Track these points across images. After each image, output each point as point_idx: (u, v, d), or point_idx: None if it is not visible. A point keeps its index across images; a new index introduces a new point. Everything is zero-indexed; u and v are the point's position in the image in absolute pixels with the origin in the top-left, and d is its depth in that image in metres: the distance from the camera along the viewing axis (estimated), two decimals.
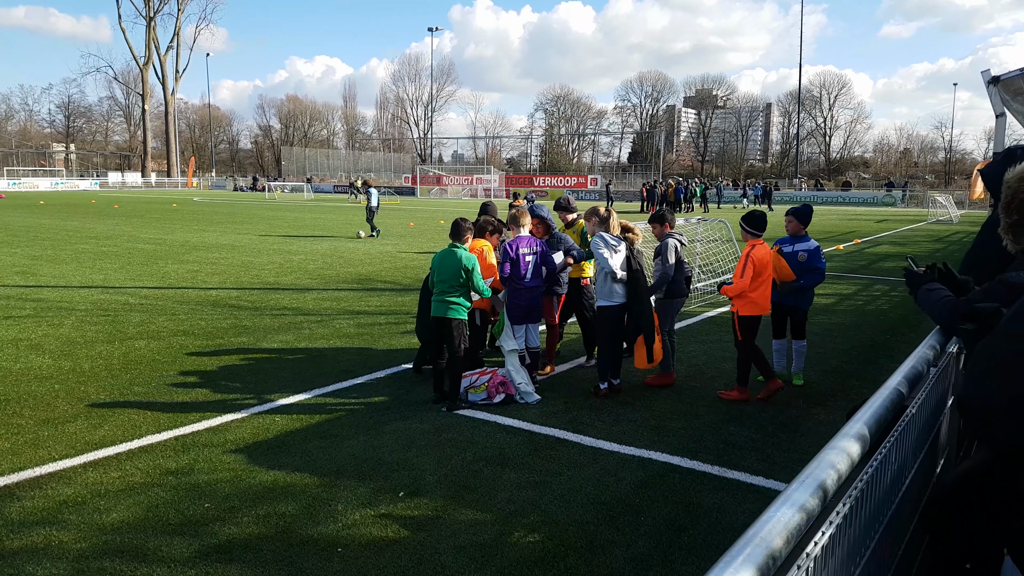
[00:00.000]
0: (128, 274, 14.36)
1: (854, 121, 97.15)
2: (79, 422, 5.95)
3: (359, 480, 4.91)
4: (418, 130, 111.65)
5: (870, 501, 2.21)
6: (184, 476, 4.95)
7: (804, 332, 7.40)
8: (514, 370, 6.66)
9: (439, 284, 6.51)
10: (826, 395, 7.04)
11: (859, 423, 2.06)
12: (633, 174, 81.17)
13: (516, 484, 4.89)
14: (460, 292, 6.47)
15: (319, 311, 10.88)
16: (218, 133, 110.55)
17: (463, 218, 6.84)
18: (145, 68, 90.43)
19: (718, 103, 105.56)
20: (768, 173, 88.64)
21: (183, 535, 4.14)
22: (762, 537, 1.35)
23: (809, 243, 7.23)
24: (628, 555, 4.02)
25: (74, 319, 10.01)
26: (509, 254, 6.89)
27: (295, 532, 4.20)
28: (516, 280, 6.88)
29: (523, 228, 7.06)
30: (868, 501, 2.18)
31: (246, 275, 14.49)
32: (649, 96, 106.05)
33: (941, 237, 27.70)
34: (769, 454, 5.51)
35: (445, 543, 4.10)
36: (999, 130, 8.89)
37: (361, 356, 8.22)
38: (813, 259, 7.12)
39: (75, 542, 4.05)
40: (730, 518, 4.46)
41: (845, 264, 18.16)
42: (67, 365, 7.67)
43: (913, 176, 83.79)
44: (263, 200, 53.25)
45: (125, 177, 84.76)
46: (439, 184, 73.55)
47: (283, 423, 6.01)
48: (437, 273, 6.55)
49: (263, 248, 19.68)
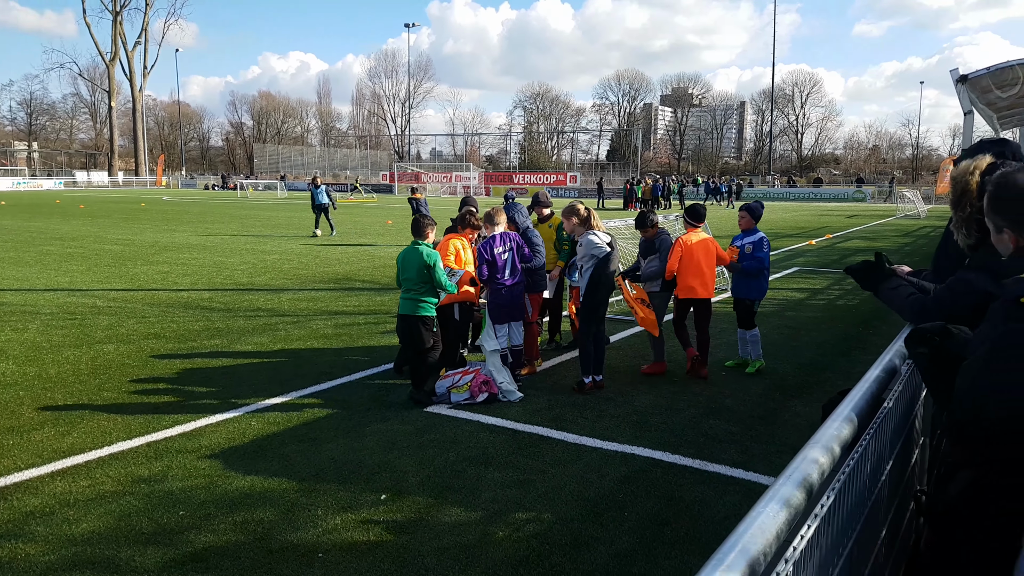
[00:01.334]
0: (95, 276, 14.08)
1: (825, 119, 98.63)
2: (46, 429, 5.81)
3: (339, 483, 4.85)
4: (395, 127, 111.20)
5: (851, 492, 2.22)
6: (157, 483, 4.84)
7: (752, 322, 7.69)
8: (495, 370, 6.62)
9: (405, 282, 6.57)
10: (802, 388, 7.10)
11: (839, 419, 2.06)
12: (612, 171, 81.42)
13: (499, 483, 4.85)
14: (425, 289, 6.51)
15: (295, 312, 10.75)
16: (188, 130, 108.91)
17: (424, 215, 6.86)
18: (112, 64, 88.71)
19: (693, 101, 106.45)
20: (742, 170, 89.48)
21: (157, 544, 4.04)
22: (751, 535, 1.34)
23: (756, 235, 7.66)
24: (612, 551, 4.00)
25: (39, 323, 9.78)
26: (484, 256, 6.85)
27: (274, 538, 4.12)
28: (494, 280, 6.85)
29: (498, 226, 7.03)
30: (850, 492, 2.19)
31: (218, 276, 14.28)
32: (627, 94, 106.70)
33: (909, 231, 28.15)
34: (748, 447, 5.54)
35: (428, 545, 4.05)
36: (967, 127, 9.05)
37: (339, 357, 8.12)
38: (755, 249, 7.59)
39: (43, 554, 3.94)
40: (712, 511, 4.48)
41: (818, 259, 18.37)
42: (32, 371, 7.49)
43: (882, 172, 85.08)
44: (235, 198, 52.64)
45: (91, 176, 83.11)
46: (418, 181, 73.24)
47: (259, 427, 5.91)
48: (402, 271, 6.60)
49: (235, 248, 19.42)
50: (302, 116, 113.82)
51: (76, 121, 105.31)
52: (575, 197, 53.75)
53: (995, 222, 2.24)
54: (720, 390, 6.99)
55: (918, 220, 34.96)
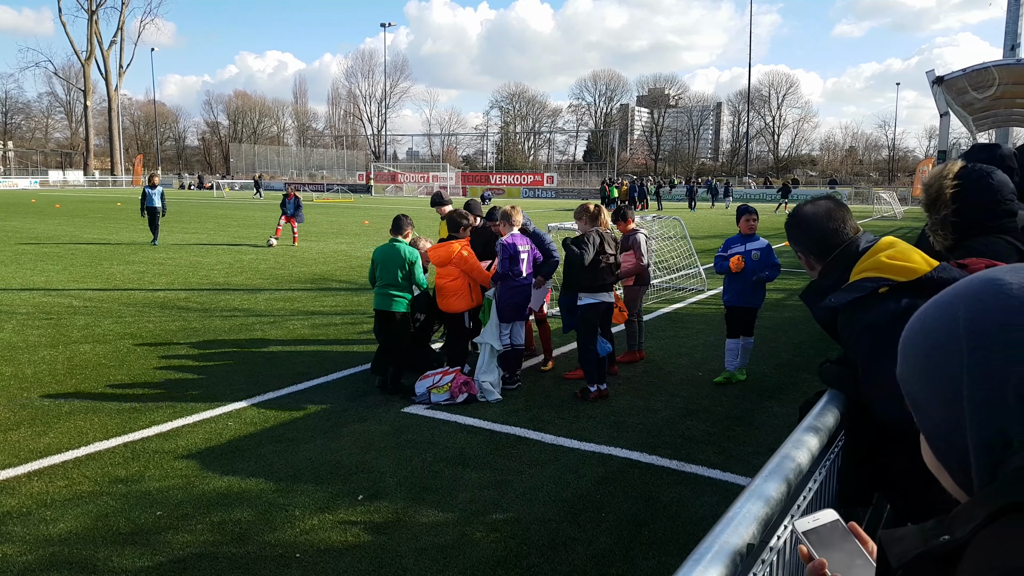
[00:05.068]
0: (71, 275, 13.89)
1: (801, 120, 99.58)
2: (22, 430, 5.73)
3: (316, 484, 4.83)
4: (372, 127, 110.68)
5: (829, 491, 2.26)
6: (134, 484, 4.80)
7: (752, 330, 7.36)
8: (488, 370, 6.63)
9: (381, 278, 6.69)
10: (778, 388, 7.18)
11: (812, 417, 2.11)
12: (589, 172, 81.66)
13: (477, 484, 4.86)
14: (402, 286, 6.64)
15: (272, 312, 10.68)
16: (164, 130, 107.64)
17: (403, 215, 6.96)
18: (87, 63, 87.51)
19: (670, 102, 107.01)
20: (719, 171, 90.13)
21: (134, 544, 4.01)
22: (728, 535, 1.36)
23: (760, 241, 7.28)
24: (590, 552, 4.03)
25: (15, 323, 9.64)
26: (510, 252, 6.94)
27: (251, 539, 4.10)
28: (513, 277, 6.92)
29: (515, 226, 7.10)
30: (827, 491, 2.23)
31: (194, 275, 14.15)
32: (603, 95, 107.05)
33: (886, 232, 28.46)
34: (725, 447, 5.60)
35: (406, 546, 4.05)
36: (943, 128, 9.19)
37: (316, 357, 8.09)
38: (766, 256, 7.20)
39: (20, 555, 3.90)
40: (689, 511, 4.52)
41: (794, 260, 18.48)
42: (8, 371, 7.38)
43: (858, 173, 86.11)
44: (211, 198, 52.10)
45: (67, 175, 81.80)
46: (394, 181, 72.91)
47: (236, 428, 5.87)
48: (380, 267, 6.72)
49: (212, 247, 19.25)
50: (278, 116, 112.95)
51: (51, 120, 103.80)
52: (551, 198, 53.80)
53: (795, 250, 2.61)
54: (697, 391, 7.04)
55: (895, 221, 35.41)
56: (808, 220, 2.51)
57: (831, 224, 2.44)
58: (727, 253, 7.13)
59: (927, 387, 0.84)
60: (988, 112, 12.10)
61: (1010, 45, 13.49)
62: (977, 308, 0.80)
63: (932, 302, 0.87)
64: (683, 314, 10.99)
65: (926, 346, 0.85)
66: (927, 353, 0.84)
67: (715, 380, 7.30)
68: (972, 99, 9.98)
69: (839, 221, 2.45)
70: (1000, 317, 0.78)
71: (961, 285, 0.84)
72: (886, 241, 2.36)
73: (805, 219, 2.52)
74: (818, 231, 2.46)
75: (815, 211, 2.50)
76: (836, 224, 2.44)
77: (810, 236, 2.49)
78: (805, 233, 2.51)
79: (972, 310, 0.80)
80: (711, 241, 19.51)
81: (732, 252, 7.10)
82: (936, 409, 0.83)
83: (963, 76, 8.63)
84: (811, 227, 2.49)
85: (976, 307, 0.80)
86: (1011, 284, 0.79)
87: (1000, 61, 9.20)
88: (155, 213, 19.70)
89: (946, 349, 0.81)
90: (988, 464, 0.78)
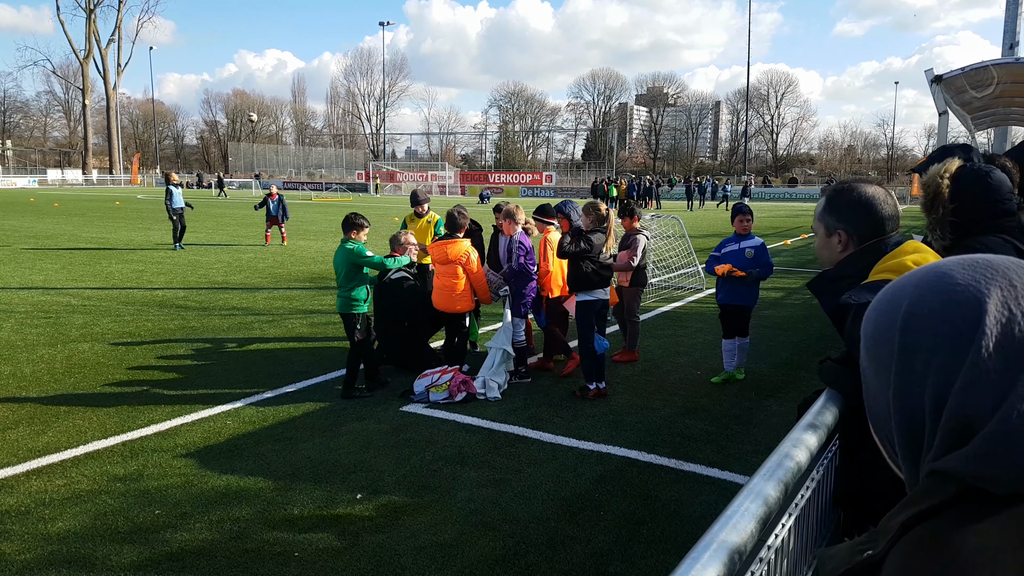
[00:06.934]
0: (70, 274, 13.88)
1: (800, 119, 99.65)
2: (20, 428, 5.73)
3: (315, 483, 4.83)
4: (370, 126, 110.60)
5: (826, 491, 2.26)
6: (133, 482, 4.80)
7: (747, 329, 7.36)
8: (497, 371, 6.64)
9: (337, 279, 6.77)
10: (777, 387, 7.18)
11: (811, 416, 2.11)
12: (587, 171, 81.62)
13: (476, 483, 4.87)
14: (353, 286, 6.66)
15: (270, 311, 10.68)
16: (163, 129, 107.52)
17: (354, 213, 6.99)
18: (85, 62, 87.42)
19: (668, 101, 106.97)
20: (717, 170, 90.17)
21: (133, 543, 4.01)
22: (727, 533, 1.36)
23: (754, 239, 7.23)
24: (588, 550, 4.03)
25: (13, 322, 9.63)
26: (527, 248, 7.06)
27: (249, 537, 4.10)
28: (529, 274, 6.98)
29: (519, 224, 7.14)
30: (825, 491, 2.24)
31: (193, 274, 14.14)
32: (602, 93, 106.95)
33: None
34: (724, 446, 5.60)
35: (404, 544, 4.05)
36: (942, 127, 9.20)
37: (315, 356, 8.09)
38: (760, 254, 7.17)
39: (19, 553, 3.90)
40: (687, 510, 4.52)
41: (793, 259, 18.57)
42: (7, 370, 7.37)
43: (856, 172, 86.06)
44: (211, 198, 52.03)
45: (65, 174, 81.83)
46: (393, 180, 72.87)
47: (235, 426, 5.87)
48: (336, 270, 6.81)
49: (211, 246, 19.23)
50: (276, 114, 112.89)
51: (50, 119, 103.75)
52: (550, 197, 53.86)
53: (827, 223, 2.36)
54: (696, 390, 7.05)
55: None
56: (866, 199, 2.32)
57: (885, 210, 2.30)
58: (720, 253, 7.23)
59: (870, 367, 0.84)
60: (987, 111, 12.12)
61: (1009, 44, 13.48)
62: (917, 299, 0.79)
63: (890, 285, 0.85)
64: (681, 313, 10.99)
65: (870, 328, 0.84)
66: (870, 335, 0.84)
67: (713, 380, 7.29)
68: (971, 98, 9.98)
69: (892, 208, 2.31)
70: (935, 311, 0.76)
71: (916, 273, 0.82)
72: (912, 244, 2.26)
73: (863, 196, 2.32)
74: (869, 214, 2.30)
75: (875, 193, 2.32)
76: (889, 210, 2.30)
77: (861, 216, 2.31)
78: (855, 211, 2.32)
79: (913, 302, 0.79)
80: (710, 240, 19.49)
81: (727, 251, 7.18)
82: (874, 390, 0.83)
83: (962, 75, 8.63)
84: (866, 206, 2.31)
85: (916, 298, 0.79)
86: (956, 279, 0.77)
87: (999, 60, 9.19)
88: (180, 214, 18.64)
89: (887, 337, 0.80)
90: (911, 455, 0.78)
